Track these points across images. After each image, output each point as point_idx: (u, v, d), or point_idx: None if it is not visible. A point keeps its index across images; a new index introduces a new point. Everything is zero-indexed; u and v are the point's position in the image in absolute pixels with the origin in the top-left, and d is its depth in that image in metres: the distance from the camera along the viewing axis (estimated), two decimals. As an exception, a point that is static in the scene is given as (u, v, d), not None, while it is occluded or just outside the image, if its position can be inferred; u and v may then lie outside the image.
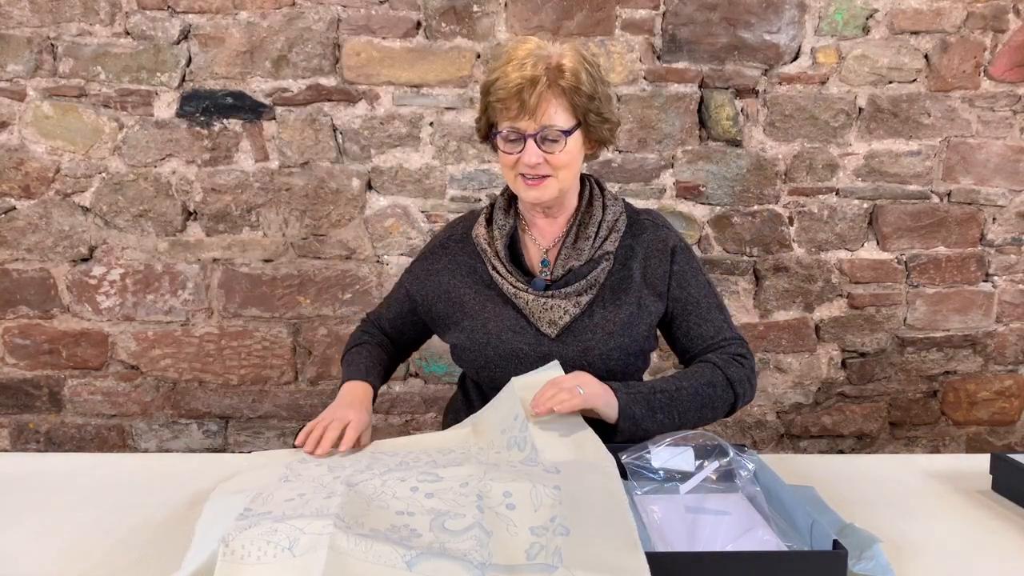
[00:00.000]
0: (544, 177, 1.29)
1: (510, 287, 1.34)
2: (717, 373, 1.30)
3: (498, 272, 1.37)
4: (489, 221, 1.42)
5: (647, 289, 1.37)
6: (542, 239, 1.40)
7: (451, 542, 0.85)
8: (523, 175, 1.29)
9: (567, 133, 1.27)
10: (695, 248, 2.29)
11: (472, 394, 1.45)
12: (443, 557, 0.81)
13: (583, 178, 1.41)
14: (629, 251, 1.38)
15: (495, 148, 1.34)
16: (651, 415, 1.22)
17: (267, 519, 0.84)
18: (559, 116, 1.26)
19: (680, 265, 1.38)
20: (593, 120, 1.30)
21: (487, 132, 1.35)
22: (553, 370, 1.25)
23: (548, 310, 1.32)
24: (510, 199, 1.42)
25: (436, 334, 1.49)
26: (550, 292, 1.33)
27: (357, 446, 1.21)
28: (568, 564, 0.84)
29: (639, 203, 1.67)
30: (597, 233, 1.36)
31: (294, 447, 1.21)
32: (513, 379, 1.25)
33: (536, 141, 1.26)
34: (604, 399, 1.20)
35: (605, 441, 1.12)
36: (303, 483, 0.99)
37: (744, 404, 1.35)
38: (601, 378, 1.23)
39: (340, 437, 1.20)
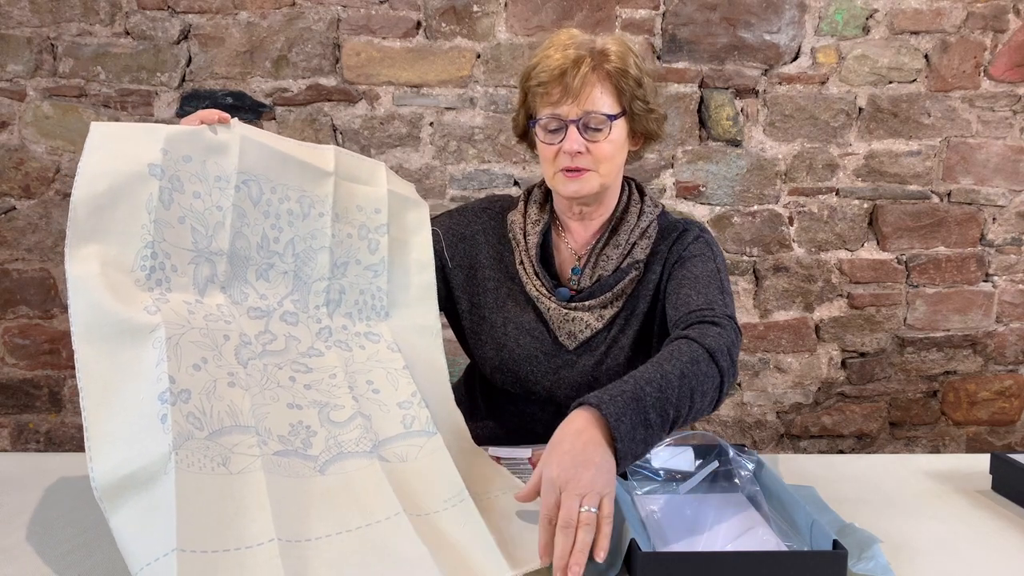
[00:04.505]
0: (584, 170, 1.20)
1: (534, 290, 1.28)
2: (695, 346, 1.04)
3: (525, 271, 1.30)
4: (524, 212, 1.34)
5: (663, 292, 1.27)
6: (575, 244, 1.32)
7: (342, 434, 1.00)
8: (563, 169, 1.20)
9: (612, 118, 1.18)
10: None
11: (477, 390, 1.43)
12: (343, 458, 0.97)
13: (624, 181, 1.32)
14: (656, 257, 1.28)
15: (532, 146, 1.28)
16: (643, 422, 0.93)
17: (190, 410, 0.88)
18: (603, 101, 1.18)
19: (690, 249, 1.27)
20: (639, 109, 1.21)
21: (525, 126, 1.27)
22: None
23: (570, 322, 1.26)
24: (547, 194, 1.34)
25: (442, 307, 1.33)
26: (573, 304, 1.26)
27: (226, 121, 1.10)
28: (440, 431, 1.07)
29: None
30: (627, 240, 1.27)
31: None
32: (384, 165, 1.26)
33: (579, 128, 1.17)
34: (606, 473, 0.87)
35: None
36: (196, 345, 0.96)
37: (730, 384, 1.09)
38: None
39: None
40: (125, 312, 0.91)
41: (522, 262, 1.30)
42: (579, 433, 0.90)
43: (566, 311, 1.26)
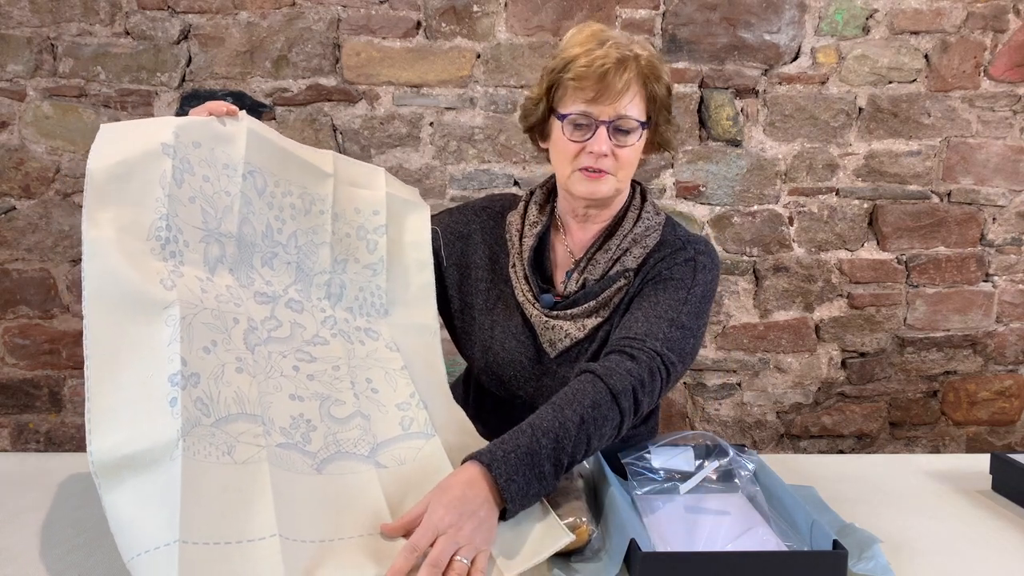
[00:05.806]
0: (604, 173, 1.17)
1: (521, 295, 1.26)
2: (599, 386, 1.04)
3: (515, 274, 1.27)
4: (523, 213, 1.32)
5: None
6: (573, 246, 1.29)
7: (341, 432, 1.00)
8: (583, 168, 1.17)
9: (644, 125, 1.17)
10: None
11: (471, 390, 1.43)
12: (340, 458, 0.97)
13: (630, 184, 1.29)
14: (651, 270, 1.22)
15: (540, 138, 1.25)
16: (538, 475, 0.94)
17: (198, 395, 0.87)
18: (635, 107, 1.16)
19: (673, 270, 1.21)
20: (663, 119, 1.21)
21: (544, 117, 1.22)
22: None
23: (550, 330, 1.23)
24: (548, 194, 1.32)
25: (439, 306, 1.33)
26: (555, 312, 1.23)
27: (234, 114, 1.12)
28: (438, 432, 1.07)
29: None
30: (619, 245, 1.23)
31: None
32: (383, 170, 1.29)
33: (608, 130, 1.14)
34: (487, 530, 0.89)
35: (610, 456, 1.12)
36: (207, 327, 0.96)
37: (631, 422, 1.08)
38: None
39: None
40: (140, 282, 0.90)
41: (514, 265, 1.29)
42: (470, 484, 0.91)
43: (547, 319, 1.23)
